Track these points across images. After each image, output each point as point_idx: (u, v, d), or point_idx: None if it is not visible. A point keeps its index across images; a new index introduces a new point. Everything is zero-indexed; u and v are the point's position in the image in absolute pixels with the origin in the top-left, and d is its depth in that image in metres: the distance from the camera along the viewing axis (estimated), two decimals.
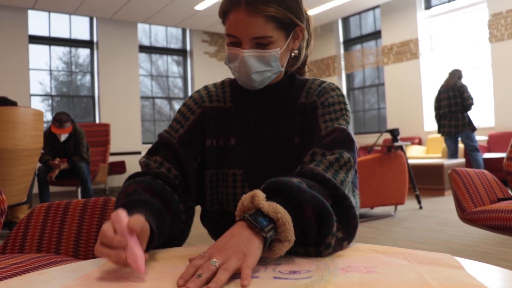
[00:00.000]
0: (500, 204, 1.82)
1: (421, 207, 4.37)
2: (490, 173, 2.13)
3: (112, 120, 7.86)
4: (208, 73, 9.26)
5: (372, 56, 8.75)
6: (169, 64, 9.34)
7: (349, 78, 9.44)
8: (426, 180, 5.33)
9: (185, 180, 0.96)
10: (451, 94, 5.58)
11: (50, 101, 8.05)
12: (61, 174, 4.69)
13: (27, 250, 1.22)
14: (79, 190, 4.87)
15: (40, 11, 7.72)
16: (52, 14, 7.93)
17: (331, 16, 8.85)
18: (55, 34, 7.99)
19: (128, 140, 8.33)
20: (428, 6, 7.94)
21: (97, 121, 8.23)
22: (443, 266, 0.64)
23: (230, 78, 1.09)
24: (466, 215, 1.91)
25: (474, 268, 0.63)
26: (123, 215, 0.66)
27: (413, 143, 7.66)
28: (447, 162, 5.33)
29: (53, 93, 8.10)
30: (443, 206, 4.47)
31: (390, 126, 8.31)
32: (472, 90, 5.71)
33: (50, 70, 8.01)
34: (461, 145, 6.04)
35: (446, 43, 7.66)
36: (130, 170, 7.94)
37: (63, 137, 4.78)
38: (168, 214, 0.82)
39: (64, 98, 8.22)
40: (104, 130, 6.05)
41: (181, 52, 9.39)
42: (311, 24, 1.03)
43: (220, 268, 0.61)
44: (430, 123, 7.75)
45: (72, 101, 8.25)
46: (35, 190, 4.31)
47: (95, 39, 8.28)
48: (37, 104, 7.86)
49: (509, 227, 1.67)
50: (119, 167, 7.60)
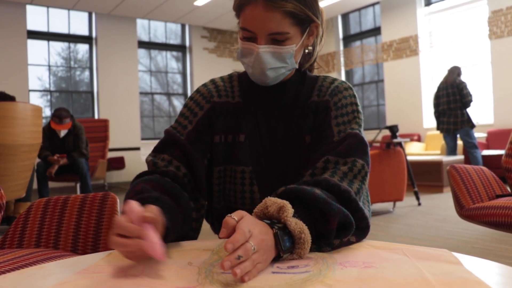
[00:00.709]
0: (498, 201, 1.82)
1: (419, 204, 4.38)
2: (488, 170, 2.14)
3: (111, 116, 7.85)
4: (207, 69, 9.25)
5: (371, 53, 8.74)
6: (168, 60, 9.32)
7: (349, 74, 9.42)
8: (425, 177, 5.34)
9: (194, 178, 0.94)
10: (450, 91, 5.58)
11: (49, 97, 8.04)
12: (60, 170, 4.68)
13: (26, 245, 1.22)
14: (78, 185, 4.87)
15: (39, 6, 7.69)
16: (50, 9, 7.90)
17: (330, 12, 8.83)
18: (53, 29, 7.96)
19: (127, 136, 8.33)
20: (428, 2, 7.93)
21: (96, 116, 8.22)
22: (441, 262, 0.64)
23: (238, 72, 1.06)
24: (465, 212, 1.91)
25: (472, 263, 0.63)
26: (136, 205, 0.65)
27: (412, 140, 7.66)
28: (446, 159, 5.33)
29: (52, 88, 8.08)
30: (442, 202, 4.48)
31: (389, 122, 8.31)
32: (471, 87, 5.70)
33: (49, 66, 7.99)
34: (460, 142, 6.04)
35: (446, 40, 7.65)
36: (129, 166, 7.94)
37: (63, 133, 4.77)
38: (178, 211, 0.80)
39: (63, 93, 8.20)
40: (103, 126, 6.04)
41: (180, 48, 9.37)
42: (324, 19, 1.00)
43: (257, 264, 0.61)
44: (429, 120, 7.75)
45: (71, 96, 8.23)
46: (34, 186, 4.31)
47: (94, 34, 8.26)
48: (36, 99, 7.84)
49: (508, 224, 1.67)
50: (118, 163, 7.61)
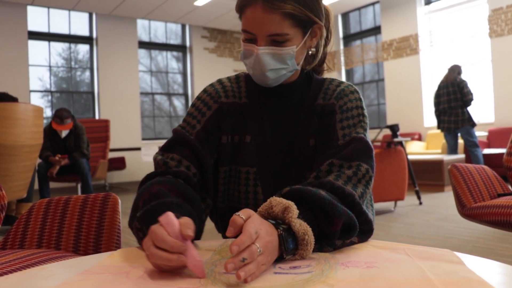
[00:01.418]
0: (500, 200, 1.82)
1: (420, 203, 4.38)
2: (490, 168, 2.13)
3: (111, 116, 7.86)
4: (208, 68, 9.25)
5: (371, 52, 8.73)
6: (169, 60, 9.32)
7: (349, 73, 9.42)
8: (426, 176, 5.33)
9: (202, 178, 0.94)
10: (450, 89, 5.57)
11: (49, 97, 8.04)
12: (62, 170, 4.69)
13: (27, 245, 1.22)
14: (79, 186, 4.88)
15: (39, 7, 7.70)
16: (51, 10, 7.91)
17: None
18: (54, 30, 7.96)
19: (128, 136, 8.33)
20: (428, 1, 7.92)
21: (97, 117, 8.22)
22: (443, 262, 0.64)
23: (245, 73, 1.06)
24: (466, 211, 1.91)
25: (474, 263, 0.63)
26: (173, 218, 0.64)
27: (412, 139, 7.66)
28: (446, 157, 5.33)
29: (53, 89, 8.08)
30: (443, 201, 4.47)
31: (389, 121, 8.31)
32: (472, 86, 5.70)
33: (50, 66, 7.99)
34: (460, 141, 6.03)
35: (446, 38, 7.64)
36: (129, 166, 7.94)
37: (64, 133, 4.78)
38: (196, 216, 0.80)
39: (63, 94, 8.21)
40: (103, 126, 6.04)
41: (181, 48, 9.37)
42: (331, 20, 0.99)
43: (261, 265, 0.61)
44: (429, 119, 7.74)
45: (72, 97, 8.23)
46: (36, 186, 4.31)
47: (94, 35, 8.26)
48: (37, 100, 7.85)
49: (509, 223, 1.67)
50: (119, 163, 7.60)
